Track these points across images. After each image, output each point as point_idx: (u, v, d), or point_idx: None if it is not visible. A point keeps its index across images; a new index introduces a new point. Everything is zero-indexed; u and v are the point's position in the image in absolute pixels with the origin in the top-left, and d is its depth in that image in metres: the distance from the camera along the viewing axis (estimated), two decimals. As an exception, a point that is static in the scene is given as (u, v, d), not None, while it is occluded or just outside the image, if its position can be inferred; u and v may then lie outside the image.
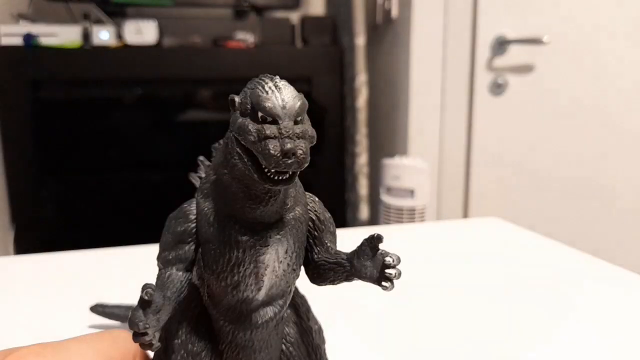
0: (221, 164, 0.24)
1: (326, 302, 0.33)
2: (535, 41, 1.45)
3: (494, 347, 0.44)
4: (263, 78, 0.23)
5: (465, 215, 1.57)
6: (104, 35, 1.46)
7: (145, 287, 0.22)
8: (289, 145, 0.21)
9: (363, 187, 1.58)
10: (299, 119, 0.22)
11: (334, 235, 0.28)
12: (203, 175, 0.28)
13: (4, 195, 1.49)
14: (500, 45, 1.48)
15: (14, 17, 1.53)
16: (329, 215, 0.28)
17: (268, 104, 0.21)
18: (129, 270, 0.62)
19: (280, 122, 0.21)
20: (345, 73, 1.60)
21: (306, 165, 0.21)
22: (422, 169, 1.40)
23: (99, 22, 1.55)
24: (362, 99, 1.55)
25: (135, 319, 0.22)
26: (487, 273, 0.60)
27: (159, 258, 0.26)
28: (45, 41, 1.44)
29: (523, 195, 1.56)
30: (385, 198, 1.43)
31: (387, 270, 0.24)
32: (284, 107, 0.21)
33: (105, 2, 1.53)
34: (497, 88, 1.51)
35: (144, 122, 1.56)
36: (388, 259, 0.24)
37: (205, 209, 0.25)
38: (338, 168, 1.64)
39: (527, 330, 0.47)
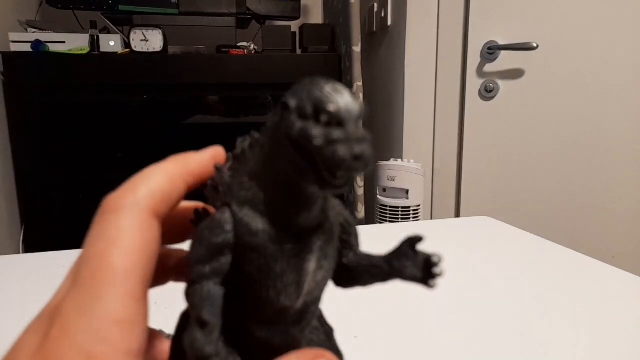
0: (260, 170, 0.24)
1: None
2: (524, 47, 1.48)
3: (486, 341, 0.46)
4: (319, 81, 0.21)
5: (457, 214, 1.61)
6: (111, 43, 1.49)
7: (201, 307, 0.21)
8: (358, 149, 0.20)
9: (359, 187, 1.61)
10: (359, 122, 0.21)
11: (357, 237, 0.28)
12: (218, 183, 0.27)
13: (14, 195, 1.52)
14: (491, 51, 1.52)
15: (22, 24, 1.54)
16: (352, 217, 0.29)
17: (333, 107, 0.20)
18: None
19: (345, 125, 0.20)
20: (343, 78, 1.63)
21: (370, 167, 0.22)
22: (416, 170, 1.43)
23: (106, 30, 1.58)
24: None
25: (198, 344, 0.21)
26: (480, 268, 0.63)
27: (191, 273, 0.25)
28: (53, 48, 1.45)
29: (511, 195, 1.61)
30: (381, 198, 1.47)
31: (434, 269, 0.24)
32: (348, 111, 0.21)
33: (112, 10, 1.56)
34: (488, 93, 1.55)
35: (150, 126, 1.59)
36: (434, 258, 0.24)
37: (244, 217, 0.23)
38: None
39: (516, 324, 0.49)
